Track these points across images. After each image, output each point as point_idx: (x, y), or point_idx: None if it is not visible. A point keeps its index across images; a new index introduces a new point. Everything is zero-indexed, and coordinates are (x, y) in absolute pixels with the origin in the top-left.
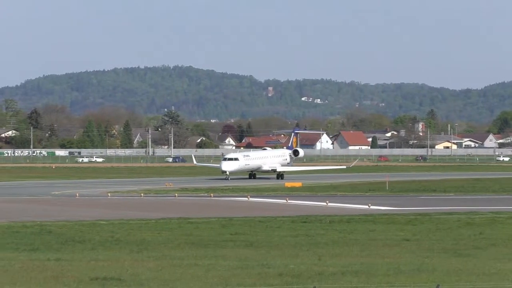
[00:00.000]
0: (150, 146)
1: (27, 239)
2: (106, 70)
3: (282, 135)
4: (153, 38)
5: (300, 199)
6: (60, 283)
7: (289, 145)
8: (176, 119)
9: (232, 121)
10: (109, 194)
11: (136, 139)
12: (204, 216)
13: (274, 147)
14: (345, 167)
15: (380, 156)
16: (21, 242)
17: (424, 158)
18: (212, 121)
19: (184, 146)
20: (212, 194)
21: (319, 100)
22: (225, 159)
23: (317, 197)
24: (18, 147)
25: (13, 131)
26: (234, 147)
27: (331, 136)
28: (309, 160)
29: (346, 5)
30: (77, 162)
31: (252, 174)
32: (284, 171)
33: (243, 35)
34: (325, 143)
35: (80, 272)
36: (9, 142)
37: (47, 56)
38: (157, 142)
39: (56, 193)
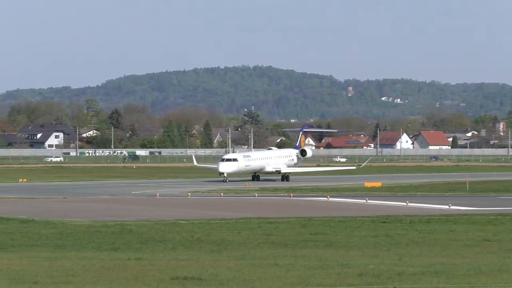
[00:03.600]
0: (230, 146)
1: (108, 239)
2: (186, 70)
3: (362, 135)
4: (233, 38)
5: (380, 199)
6: (141, 282)
7: (297, 144)
8: (256, 119)
9: (312, 121)
10: (189, 193)
11: (216, 139)
12: (284, 216)
13: (354, 147)
14: (355, 167)
15: None
16: (102, 242)
17: None
18: (292, 121)
19: (263, 146)
20: (292, 194)
21: (399, 100)
22: (223, 160)
23: (396, 197)
24: (99, 147)
25: (94, 131)
26: (313, 147)
27: (411, 136)
28: (388, 160)
29: (426, 4)
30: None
31: (256, 175)
32: (289, 172)
33: (322, 35)
34: (405, 143)
35: (160, 272)
36: (90, 142)
37: (128, 56)
38: (237, 142)
39: (137, 192)
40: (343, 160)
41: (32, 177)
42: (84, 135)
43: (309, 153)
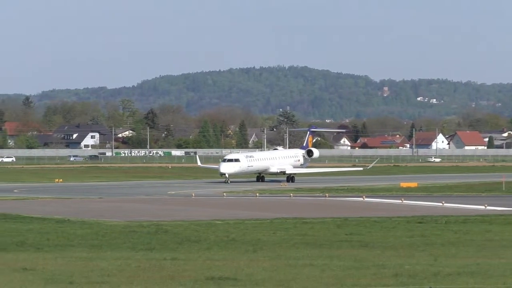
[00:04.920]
0: (265, 146)
1: (144, 239)
2: (221, 70)
3: (398, 135)
4: (268, 38)
5: (416, 200)
6: (176, 282)
7: (304, 144)
8: (291, 119)
9: (347, 121)
10: (224, 194)
11: (251, 139)
12: (319, 216)
13: (389, 147)
14: (361, 168)
15: None
16: (138, 242)
17: None
18: (327, 121)
19: (299, 146)
20: (327, 194)
21: (434, 100)
22: (224, 161)
23: (432, 198)
24: (134, 147)
25: (130, 131)
26: (349, 147)
27: (447, 136)
28: (424, 160)
29: (462, 4)
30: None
31: (260, 176)
32: (294, 173)
33: (358, 35)
34: (440, 143)
35: (196, 272)
36: (126, 142)
37: (163, 56)
38: (272, 142)
39: (172, 193)
40: (438, 160)
41: (68, 177)
42: (120, 135)
43: (316, 153)
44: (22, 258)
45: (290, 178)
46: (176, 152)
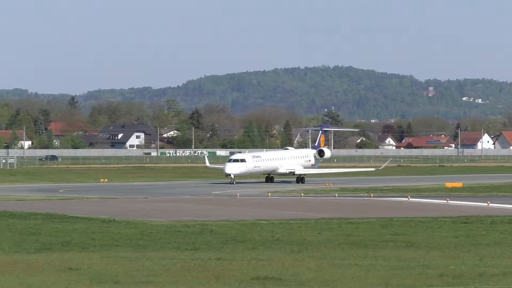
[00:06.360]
0: (310, 146)
1: (189, 239)
2: (266, 70)
3: (443, 135)
4: (313, 38)
5: (461, 200)
6: (221, 282)
7: (316, 144)
8: (336, 119)
9: (392, 121)
10: (269, 194)
11: (296, 139)
12: (364, 216)
13: (434, 147)
14: (374, 169)
15: None
16: (183, 242)
17: None
18: (372, 121)
19: (344, 146)
20: (372, 194)
21: (480, 100)
22: (229, 161)
23: (478, 198)
24: (179, 147)
25: (175, 131)
26: (394, 147)
27: (492, 136)
28: (470, 160)
29: (506, 5)
30: None
31: (269, 177)
32: (304, 174)
33: (403, 35)
34: (486, 143)
35: (241, 272)
36: (171, 142)
37: (208, 56)
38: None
39: (217, 192)
40: None
41: (113, 177)
42: (165, 135)
43: (328, 153)
44: (68, 258)
45: (300, 179)
46: (221, 152)
